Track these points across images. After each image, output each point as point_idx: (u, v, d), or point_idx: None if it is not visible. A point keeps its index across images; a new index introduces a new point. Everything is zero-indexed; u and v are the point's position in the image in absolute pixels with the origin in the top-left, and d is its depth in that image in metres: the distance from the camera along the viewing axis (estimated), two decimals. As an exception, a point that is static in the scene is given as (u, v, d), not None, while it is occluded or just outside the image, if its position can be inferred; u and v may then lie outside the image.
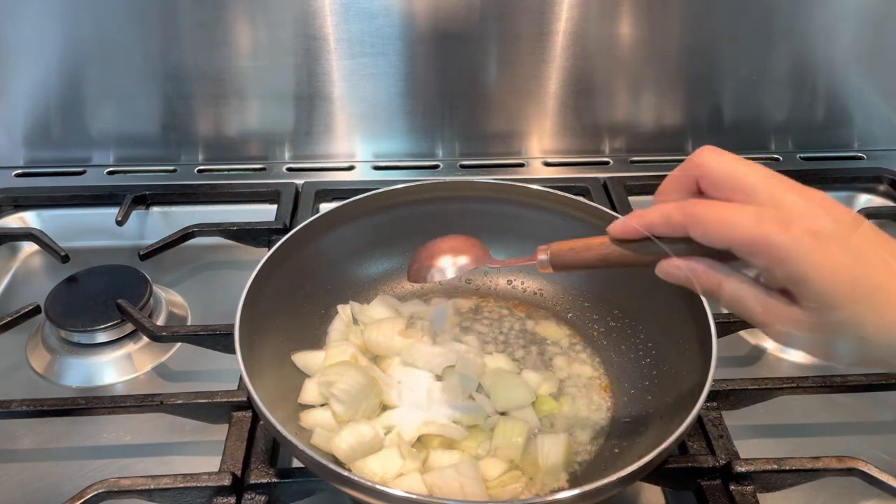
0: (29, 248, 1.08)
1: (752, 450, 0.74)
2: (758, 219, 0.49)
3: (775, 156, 1.23)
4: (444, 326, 0.87)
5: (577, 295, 0.91)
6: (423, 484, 0.69)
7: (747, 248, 0.50)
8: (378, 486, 0.58)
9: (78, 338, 0.89)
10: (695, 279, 0.53)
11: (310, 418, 0.76)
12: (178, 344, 0.91)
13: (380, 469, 0.71)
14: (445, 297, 0.92)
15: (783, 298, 0.51)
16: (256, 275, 0.77)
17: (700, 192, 0.54)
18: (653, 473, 0.63)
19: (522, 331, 0.88)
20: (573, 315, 0.90)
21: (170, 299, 0.98)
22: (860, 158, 1.23)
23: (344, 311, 0.87)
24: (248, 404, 0.77)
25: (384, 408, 0.77)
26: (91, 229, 1.09)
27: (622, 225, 0.54)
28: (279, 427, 0.62)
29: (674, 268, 0.54)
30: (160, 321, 0.94)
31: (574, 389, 0.81)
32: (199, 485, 0.69)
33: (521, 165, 1.22)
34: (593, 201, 1.02)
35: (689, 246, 0.53)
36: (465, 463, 0.70)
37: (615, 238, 0.56)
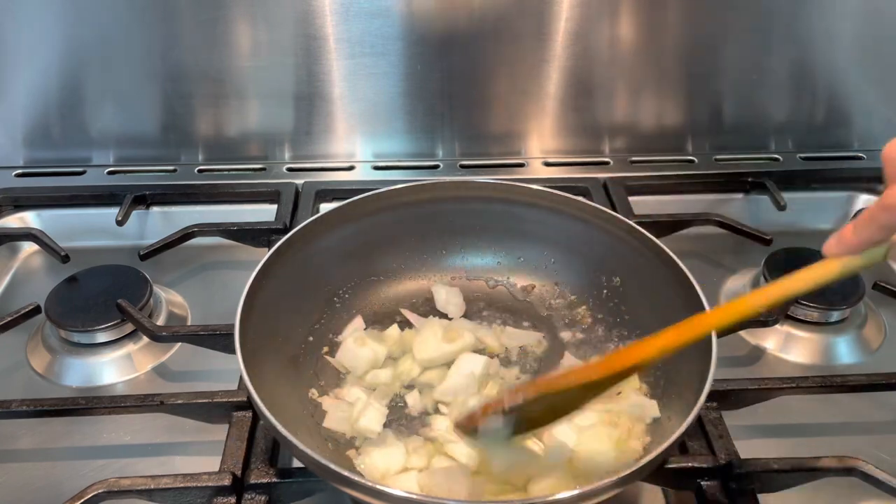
0: (29, 248, 1.08)
1: (752, 450, 0.74)
2: None
3: (775, 156, 1.23)
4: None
5: (577, 295, 0.91)
6: (416, 483, 0.70)
7: None
8: (378, 486, 0.58)
9: (78, 338, 0.89)
10: None
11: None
12: (178, 344, 0.91)
13: (382, 464, 0.71)
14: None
15: None
16: (256, 275, 0.77)
17: None
18: (653, 473, 0.63)
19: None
20: (573, 315, 0.90)
21: (170, 299, 0.98)
22: (860, 158, 1.23)
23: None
24: (248, 404, 0.77)
25: None
26: (91, 229, 1.09)
27: (840, 245, 0.57)
28: (279, 427, 0.62)
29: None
30: (160, 321, 0.94)
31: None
32: (199, 485, 0.69)
33: (521, 165, 1.22)
34: (593, 201, 1.02)
35: None
36: (458, 468, 0.70)
37: (838, 253, 0.58)
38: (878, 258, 0.55)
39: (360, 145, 1.22)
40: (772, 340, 0.94)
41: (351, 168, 1.21)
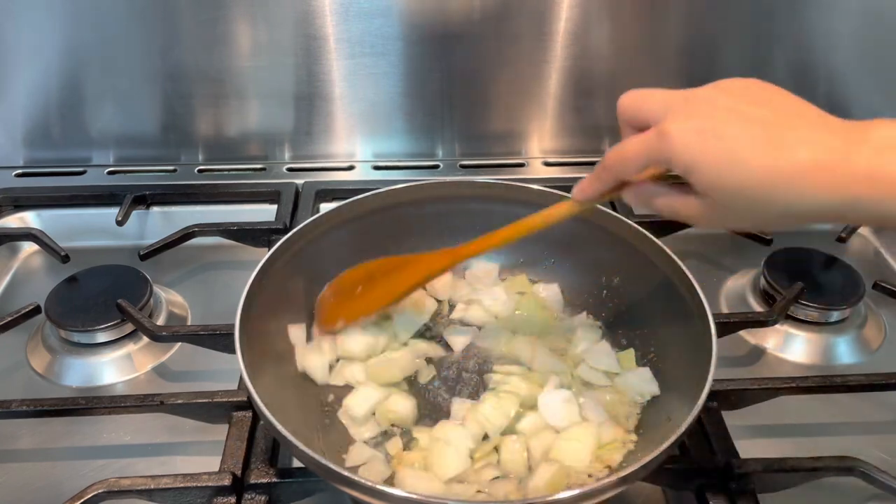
0: (29, 248, 1.08)
1: (752, 450, 0.74)
2: (640, 141, 0.59)
3: (775, 156, 1.23)
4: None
5: (577, 295, 0.91)
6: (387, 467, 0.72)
7: (644, 165, 0.60)
8: (378, 486, 0.58)
9: (78, 338, 0.89)
10: (636, 202, 0.65)
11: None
12: (178, 344, 0.91)
13: (355, 405, 0.76)
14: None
15: (691, 193, 0.60)
16: (256, 275, 0.77)
17: None
18: (653, 473, 0.63)
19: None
20: (573, 315, 0.90)
21: (170, 299, 0.98)
22: (860, 158, 1.23)
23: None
24: (248, 404, 0.77)
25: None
26: (91, 229, 1.09)
27: (582, 194, 0.68)
28: (279, 427, 0.62)
29: (629, 200, 0.66)
30: (160, 321, 0.94)
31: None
32: (199, 485, 0.69)
33: (521, 165, 1.22)
34: (593, 201, 1.02)
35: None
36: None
37: (579, 201, 0.69)
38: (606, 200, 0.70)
39: (360, 145, 1.22)
40: (772, 340, 0.94)
41: (351, 168, 1.21)
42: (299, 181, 1.15)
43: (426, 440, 0.74)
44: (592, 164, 1.21)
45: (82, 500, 0.67)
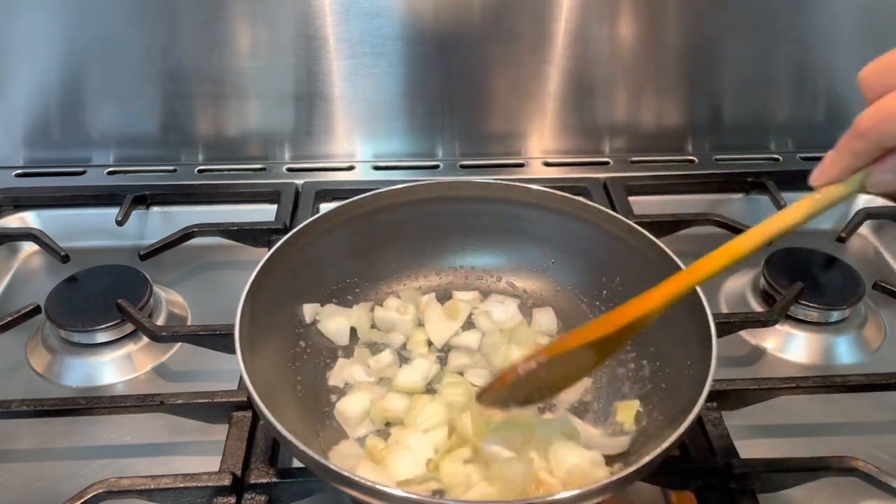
0: (29, 248, 1.08)
1: (752, 450, 0.74)
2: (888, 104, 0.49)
3: (775, 156, 1.23)
4: None
5: (576, 296, 0.91)
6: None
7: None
8: (378, 487, 0.58)
9: (78, 338, 0.89)
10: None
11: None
12: (178, 344, 0.91)
13: (348, 407, 0.77)
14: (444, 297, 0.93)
15: None
16: (256, 274, 0.77)
17: None
18: (653, 473, 0.63)
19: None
20: (572, 315, 0.90)
21: (170, 299, 0.98)
22: (860, 158, 1.23)
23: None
24: (248, 404, 0.77)
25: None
26: (91, 229, 1.09)
27: (823, 176, 0.57)
28: (279, 427, 0.62)
29: (878, 181, 0.54)
30: (160, 321, 0.94)
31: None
32: (199, 485, 0.69)
33: (521, 165, 1.22)
34: (593, 201, 1.02)
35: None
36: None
37: (821, 184, 0.57)
38: (858, 185, 0.56)
39: (360, 145, 1.22)
40: (772, 340, 0.94)
41: (351, 168, 1.21)
42: (299, 181, 1.15)
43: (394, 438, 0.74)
44: (592, 164, 1.23)
45: (82, 500, 0.67)
